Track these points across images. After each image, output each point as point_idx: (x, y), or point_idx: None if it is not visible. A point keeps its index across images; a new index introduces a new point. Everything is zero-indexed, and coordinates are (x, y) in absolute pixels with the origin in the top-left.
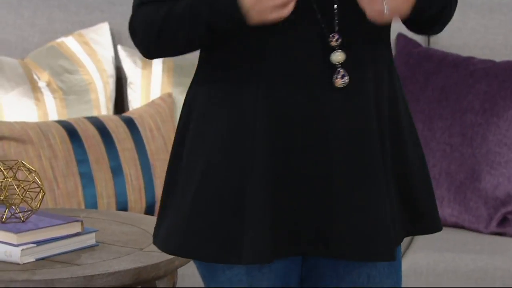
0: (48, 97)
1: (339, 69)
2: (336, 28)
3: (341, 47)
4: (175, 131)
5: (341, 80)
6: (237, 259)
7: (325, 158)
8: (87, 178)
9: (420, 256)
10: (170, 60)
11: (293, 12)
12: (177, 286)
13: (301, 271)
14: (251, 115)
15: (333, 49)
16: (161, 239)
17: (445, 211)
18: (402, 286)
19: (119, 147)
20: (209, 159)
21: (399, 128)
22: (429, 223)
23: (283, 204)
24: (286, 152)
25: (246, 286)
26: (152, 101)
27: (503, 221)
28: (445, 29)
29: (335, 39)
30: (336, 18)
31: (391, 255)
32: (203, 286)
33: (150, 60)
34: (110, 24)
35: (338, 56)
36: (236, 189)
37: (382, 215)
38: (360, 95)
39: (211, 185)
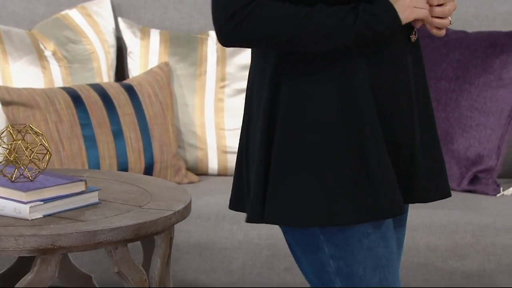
0: (53, 65)
1: (414, 27)
2: None
3: None
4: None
5: (414, 36)
6: (377, 216)
7: (410, 114)
8: (90, 141)
9: None
10: (166, 31)
11: None
12: (173, 241)
13: None
14: (362, 85)
15: None
16: (287, 213)
17: None
18: None
19: (119, 112)
20: (330, 133)
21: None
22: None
23: (391, 159)
24: (388, 113)
25: (385, 249)
26: (150, 70)
27: (474, 179)
28: None
29: None
30: None
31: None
32: (198, 241)
33: (148, 31)
34: None
35: None
36: (359, 153)
37: (442, 157)
38: (418, 48)
39: (338, 155)
